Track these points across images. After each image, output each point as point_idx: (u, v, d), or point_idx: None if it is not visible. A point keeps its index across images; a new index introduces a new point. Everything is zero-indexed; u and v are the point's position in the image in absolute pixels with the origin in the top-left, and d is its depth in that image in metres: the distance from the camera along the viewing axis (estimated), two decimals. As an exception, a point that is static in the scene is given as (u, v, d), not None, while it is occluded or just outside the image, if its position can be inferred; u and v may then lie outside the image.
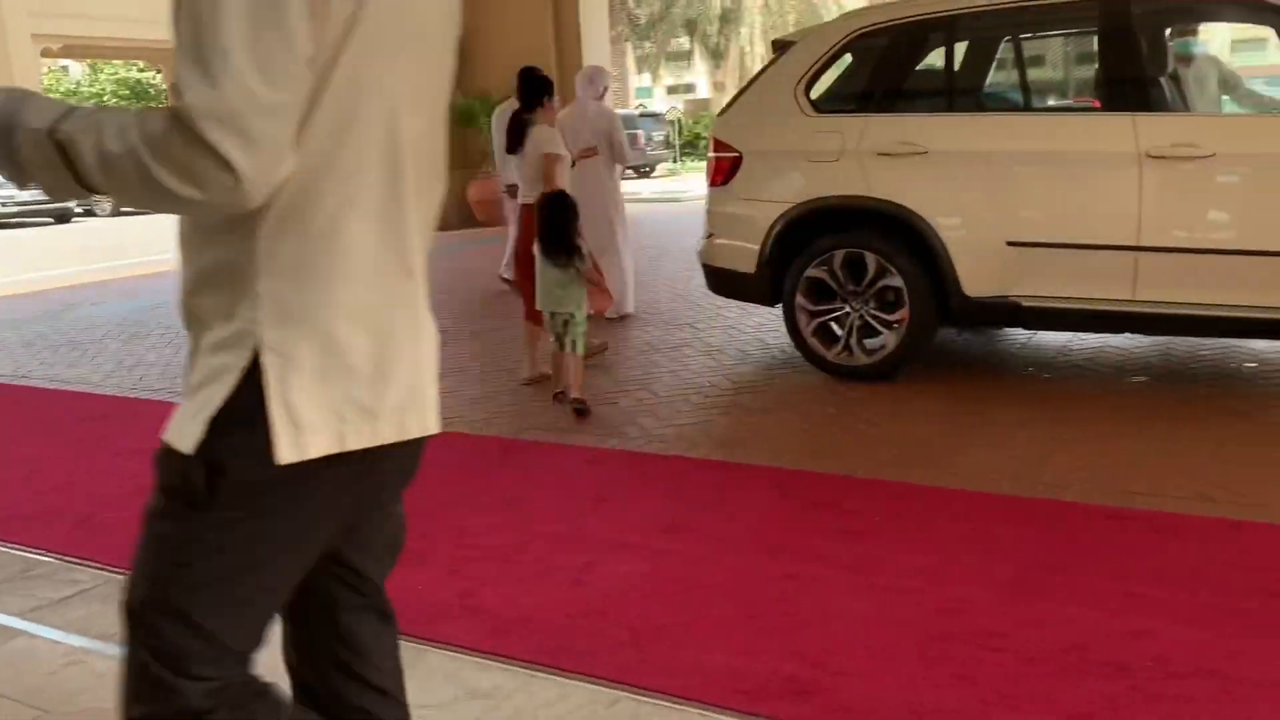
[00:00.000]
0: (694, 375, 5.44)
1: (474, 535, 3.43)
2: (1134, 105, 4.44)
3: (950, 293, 4.85)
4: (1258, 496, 3.39)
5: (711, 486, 3.77)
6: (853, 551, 3.15)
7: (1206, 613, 2.65)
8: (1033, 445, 4.03)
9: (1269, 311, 4.23)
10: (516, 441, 4.46)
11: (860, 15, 5.27)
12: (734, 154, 5.36)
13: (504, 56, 13.19)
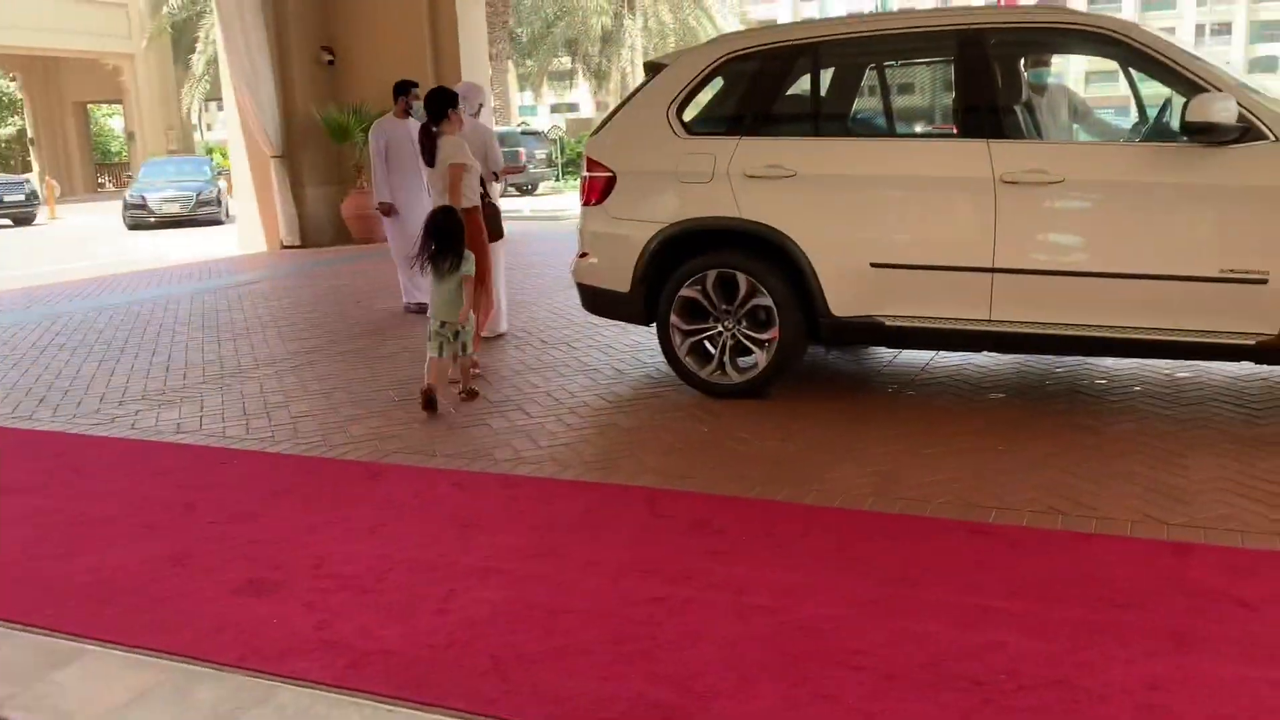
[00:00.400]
0: (568, 395, 5.40)
1: (332, 564, 3.31)
2: (989, 132, 4.60)
3: (818, 312, 4.94)
4: (1105, 509, 3.53)
5: (581, 508, 3.73)
6: (721, 571, 3.16)
7: (1056, 625, 2.73)
8: (895, 461, 4.12)
9: (1116, 331, 4.43)
10: (381, 465, 4.34)
11: (730, 39, 5.34)
12: (607, 173, 5.36)
13: (380, 71, 12.98)
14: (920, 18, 4.93)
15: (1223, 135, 4.16)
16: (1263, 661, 2.50)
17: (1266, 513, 3.44)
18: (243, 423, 5.14)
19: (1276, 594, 2.85)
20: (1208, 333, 4.30)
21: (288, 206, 13.75)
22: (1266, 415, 4.56)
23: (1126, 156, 4.55)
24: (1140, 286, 4.35)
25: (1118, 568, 3.06)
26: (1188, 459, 4.01)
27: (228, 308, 8.83)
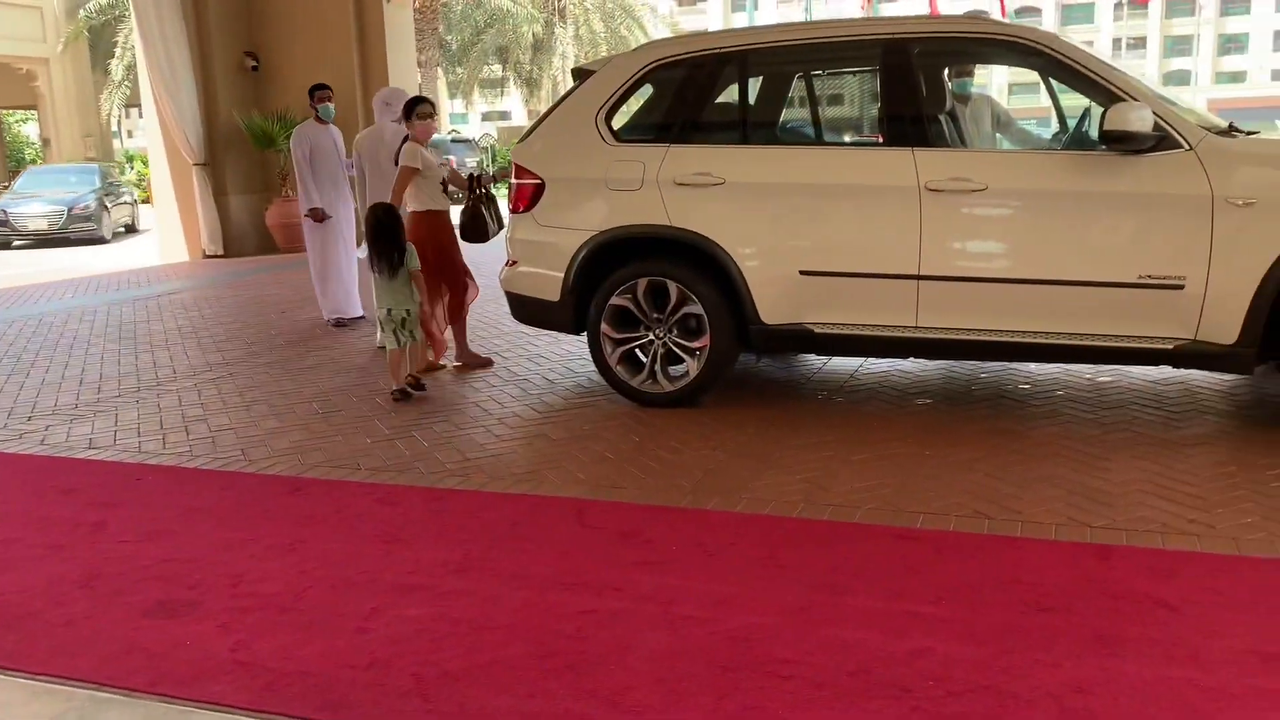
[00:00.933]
0: (498, 406, 5.33)
1: (250, 583, 3.20)
2: (914, 141, 4.65)
3: (749, 320, 4.94)
4: (1030, 513, 3.57)
5: (508, 521, 3.66)
6: (651, 582, 3.12)
7: (982, 630, 2.74)
8: (824, 468, 4.12)
9: (1039, 336, 4.49)
10: (303, 480, 4.22)
11: (658, 46, 5.33)
12: (536, 180, 5.31)
13: (305, 77, 12.70)
14: (845, 27, 4.97)
15: (1139, 144, 4.24)
16: (1183, 662, 2.54)
17: (1184, 514, 3.51)
18: (159, 437, 4.97)
19: (1196, 594, 2.90)
20: (1127, 338, 4.39)
21: (210, 215, 13.43)
22: (1184, 418, 4.66)
23: (1047, 165, 4.63)
24: (1062, 292, 4.43)
25: (1043, 571, 3.08)
26: (1109, 462, 4.08)
27: (146, 319, 8.58)
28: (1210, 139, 4.28)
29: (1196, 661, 2.54)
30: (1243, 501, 3.61)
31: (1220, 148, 4.27)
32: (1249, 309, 4.18)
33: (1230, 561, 3.12)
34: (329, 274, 7.84)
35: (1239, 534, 3.32)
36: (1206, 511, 3.52)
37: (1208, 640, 2.63)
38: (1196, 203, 4.21)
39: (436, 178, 6.02)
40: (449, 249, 6.10)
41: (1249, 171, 4.21)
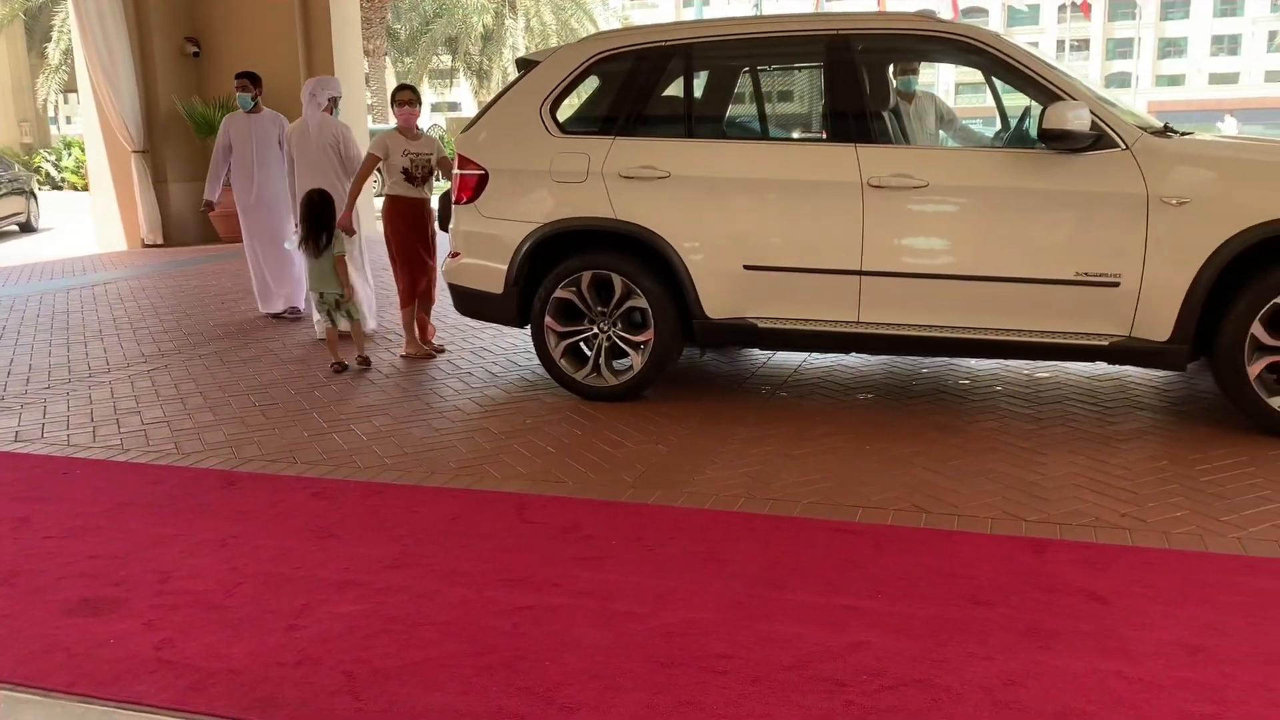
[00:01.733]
0: (439, 399, 5.26)
1: (179, 579, 3.13)
2: (856, 137, 4.66)
3: (693, 314, 4.93)
4: (966, 507, 3.60)
5: (446, 516, 3.61)
6: (589, 578, 3.09)
7: (917, 623, 2.75)
8: (766, 462, 4.13)
9: (978, 332, 4.53)
10: (238, 474, 4.13)
11: (602, 39, 5.29)
12: (479, 171, 5.25)
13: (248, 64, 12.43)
14: (789, 22, 4.97)
15: (1076, 142, 4.30)
16: (1113, 654, 2.57)
17: (1117, 507, 3.56)
18: (89, 430, 4.84)
19: (1126, 587, 2.94)
20: (1064, 334, 4.44)
21: (149, 203, 13.12)
22: (1119, 414, 4.74)
23: (988, 162, 4.67)
24: (1001, 289, 4.47)
25: (978, 564, 3.11)
26: (1045, 456, 4.13)
27: (80, 309, 8.36)
28: (1146, 139, 4.35)
29: (1126, 653, 2.57)
30: (1173, 495, 3.67)
31: (1156, 148, 4.33)
32: (1182, 307, 4.26)
33: (1160, 555, 3.17)
34: (274, 264, 7.70)
35: (1169, 528, 3.38)
36: (1138, 506, 3.58)
37: (1137, 633, 2.67)
38: (1132, 201, 4.28)
39: (397, 165, 6.05)
40: (409, 236, 6.13)
41: (1183, 171, 4.28)
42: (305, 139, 6.76)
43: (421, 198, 6.18)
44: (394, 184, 6.12)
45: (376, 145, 6.09)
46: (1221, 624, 2.71)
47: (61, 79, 30.84)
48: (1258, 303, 4.19)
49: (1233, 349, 4.24)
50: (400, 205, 6.13)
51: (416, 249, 6.16)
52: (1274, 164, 4.38)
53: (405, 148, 6.05)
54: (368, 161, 6.19)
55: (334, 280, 5.83)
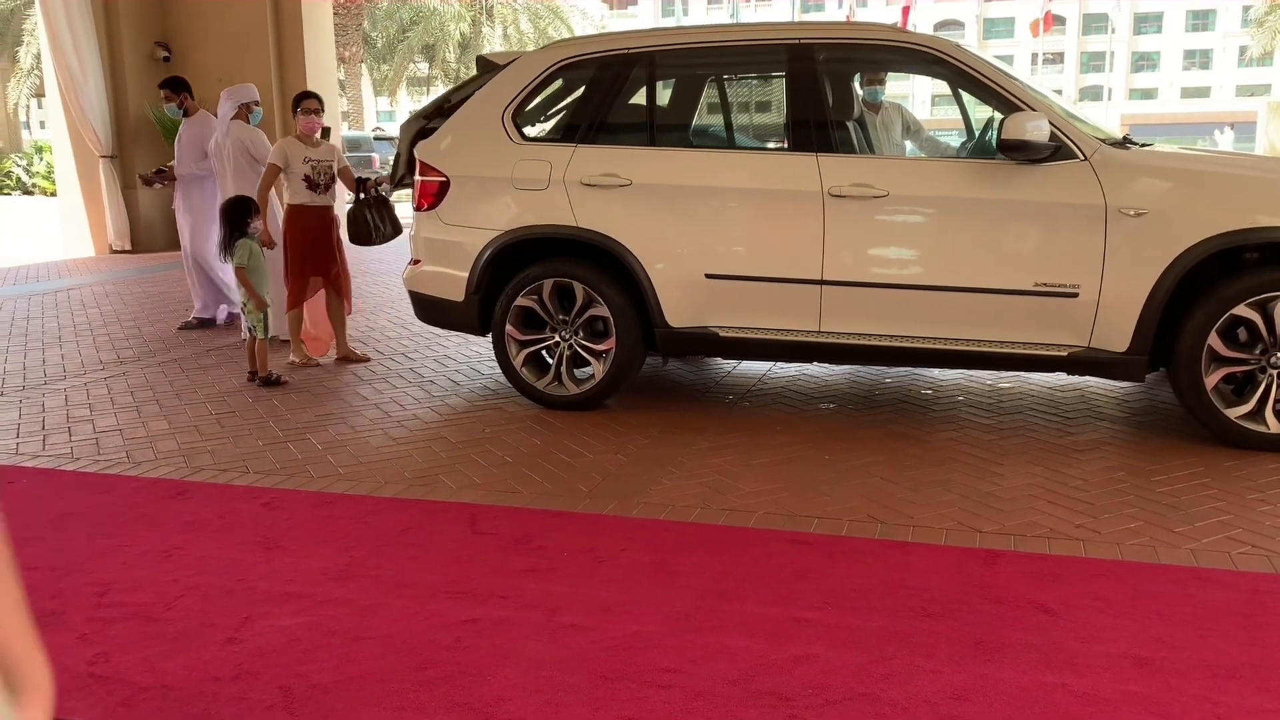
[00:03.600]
0: (398, 408, 5.21)
1: (118, 592, 3.06)
2: (818, 146, 4.65)
3: (655, 323, 4.90)
4: (922, 517, 3.58)
5: (398, 527, 3.56)
6: (536, 590, 3.05)
7: (866, 636, 2.73)
8: (724, 472, 4.10)
9: (939, 342, 4.53)
10: (187, 484, 4.06)
11: (565, 45, 5.26)
12: (441, 178, 5.21)
13: (219, 69, 12.45)
14: (750, 31, 4.97)
15: (1035, 153, 4.30)
16: (1059, 667, 2.55)
17: (1072, 518, 3.55)
18: (39, 438, 4.76)
19: (1077, 599, 2.92)
20: (1024, 344, 4.44)
21: (117, 209, 12.98)
22: (1078, 424, 4.74)
23: (948, 172, 4.67)
24: (960, 299, 4.47)
25: (930, 576, 3.09)
26: (1003, 466, 4.12)
27: (40, 315, 8.24)
28: (1105, 150, 4.36)
29: (1072, 666, 2.55)
30: (1128, 506, 3.67)
31: (1114, 159, 4.34)
32: (1140, 317, 4.27)
33: (1112, 566, 3.16)
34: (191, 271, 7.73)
35: (1122, 539, 3.37)
36: (1093, 517, 3.57)
37: (1084, 645, 2.66)
38: (1090, 212, 4.28)
39: (299, 174, 6.01)
40: (310, 246, 6.08)
41: (1141, 182, 4.29)
42: (221, 147, 6.86)
43: (324, 205, 6.12)
44: (295, 192, 6.05)
45: (276, 154, 6.05)
46: (1170, 636, 2.70)
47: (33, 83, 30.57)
48: (1214, 314, 4.20)
49: (1190, 360, 4.25)
50: (302, 214, 6.06)
51: (316, 258, 6.10)
52: (1230, 175, 4.41)
53: (305, 155, 6.02)
54: (269, 171, 6.11)
55: (241, 289, 5.71)
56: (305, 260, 6.08)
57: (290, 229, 6.10)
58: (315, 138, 6.12)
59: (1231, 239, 4.15)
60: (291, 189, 6.06)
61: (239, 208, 5.75)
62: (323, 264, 6.12)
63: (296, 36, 13.52)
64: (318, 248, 6.09)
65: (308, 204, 6.05)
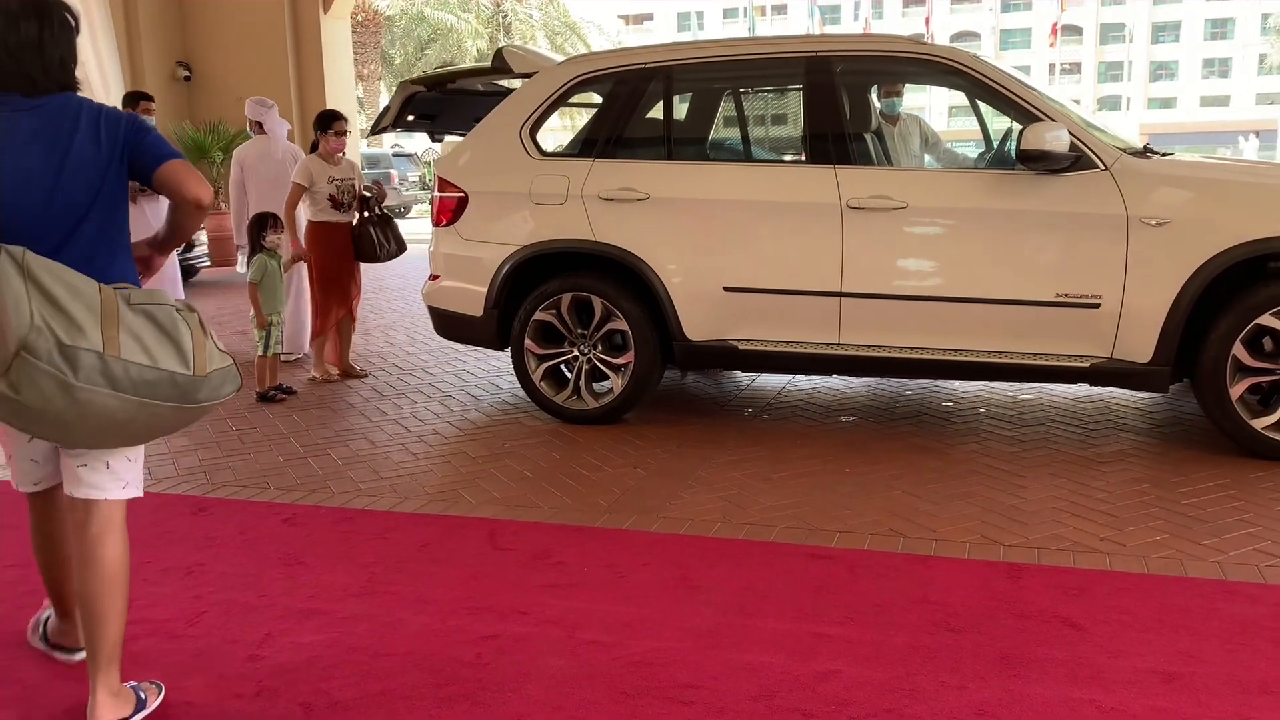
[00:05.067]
0: (418, 423, 5.22)
1: (140, 609, 3.07)
2: (836, 158, 4.65)
3: (673, 336, 4.90)
4: (944, 531, 3.55)
5: (418, 543, 3.56)
6: (559, 605, 3.04)
7: (890, 651, 2.70)
8: (744, 486, 4.08)
9: (959, 354, 4.50)
10: (208, 500, 4.08)
11: (582, 61, 5.28)
12: (459, 194, 5.23)
13: (239, 88, 12.60)
14: (767, 44, 4.96)
15: (1055, 163, 4.28)
16: (1086, 682, 2.52)
17: (1096, 531, 3.51)
18: (62, 456, 4.78)
19: (1103, 613, 2.89)
20: (1045, 355, 4.41)
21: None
22: (1101, 436, 4.70)
23: (968, 183, 4.64)
24: (981, 310, 4.44)
25: (953, 590, 3.06)
26: (1026, 479, 4.08)
27: (64, 333, 8.30)
28: (1125, 159, 4.34)
29: (1099, 681, 2.52)
30: (1154, 519, 3.62)
31: (1135, 168, 4.32)
32: (1163, 328, 4.23)
33: (1138, 580, 3.12)
34: None
35: (1148, 552, 3.33)
36: (1118, 530, 3.53)
37: (1111, 660, 2.62)
38: (1112, 222, 4.26)
39: (324, 193, 6.05)
40: (336, 262, 6.14)
41: (1163, 192, 4.26)
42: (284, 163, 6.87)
43: (346, 222, 6.17)
44: (319, 210, 6.08)
45: (301, 174, 6.04)
46: (1198, 651, 2.66)
47: (56, 104, 30.87)
48: (1239, 324, 4.16)
49: (1214, 370, 4.21)
50: (324, 231, 6.10)
51: (340, 276, 6.15)
52: (1253, 184, 4.37)
53: (330, 174, 6.06)
54: (295, 191, 6.08)
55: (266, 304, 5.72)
56: (331, 277, 6.12)
57: (313, 246, 6.13)
58: (337, 156, 6.16)
59: (1255, 248, 4.11)
60: (315, 207, 6.08)
61: (259, 223, 5.80)
62: (346, 279, 6.17)
63: (315, 55, 13.67)
64: (342, 264, 6.15)
65: (330, 221, 6.09)
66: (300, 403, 5.68)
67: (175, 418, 2.28)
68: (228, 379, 2.33)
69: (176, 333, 2.24)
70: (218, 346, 2.34)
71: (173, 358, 2.21)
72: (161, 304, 2.27)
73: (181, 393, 2.23)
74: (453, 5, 31.57)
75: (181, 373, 2.22)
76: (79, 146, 2.31)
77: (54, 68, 2.36)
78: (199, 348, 2.26)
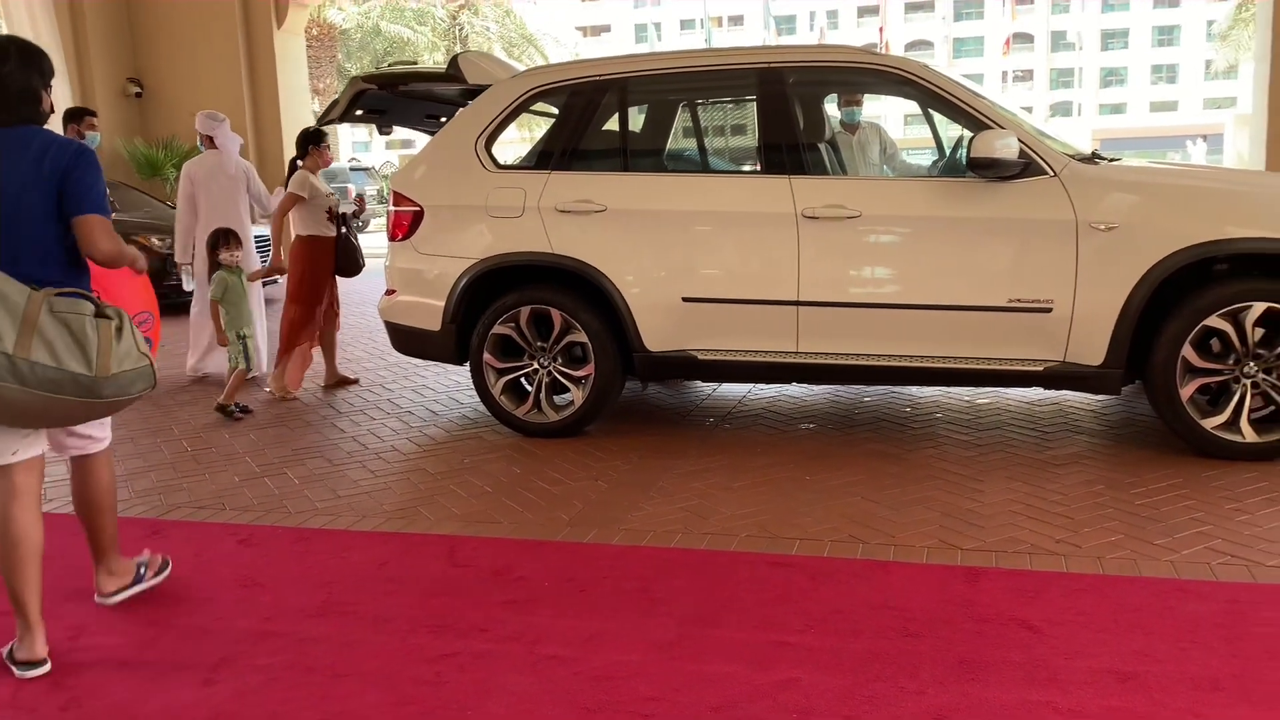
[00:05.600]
0: (376, 440, 5.17)
1: (93, 634, 3.01)
2: (790, 168, 4.68)
3: (633, 347, 4.90)
4: (903, 536, 3.58)
5: (376, 562, 3.53)
6: (518, 622, 3.02)
7: (849, 658, 2.71)
8: (706, 496, 4.08)
9: (916, 360, 4.54)
10: (163, 522, 4.01)
11: (537, 73, 5.27)
12: (415, 208, 5.20)
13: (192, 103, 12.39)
14: (720, 55, 4.99)
15: (1005, 170, 4.33)
16: (1043, 684, 2.54)
17: (1052, 533, 3.55)
18: (12, 481, 4.68)
19: (1059, 615, 2.92)
20: (1000, 360, 4.46)
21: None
22: (1057, 439, 4.76)
23: (920, 191, 4.69)
24: (936, 316, 4.48)
25: (912, 595, 3.08)
26: (983, 483, 4.12)
27: (14, 355, 8.15)
28: (1074, 165, 4.40)
29: (1056, 683, 2.55)
30: (1109, 520, 3.67)
31: (1084, 174, 4.38)
32: (1114, 330, 4.29)
33: (1093, 581, 3.16)
34: None
35: (1103, 553, 3.37)
36: (1074, 531, 3.58)
37: (1067, 661, 2.65)
38: (1062, 227, 4.32)
39: (322, 206, 6.10)
40: (323, 275, 6.21)
41: (1111, 197, 4.33)
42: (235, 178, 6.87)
43: (331, 236, 6.18)
44: (311, 224, 6.09)
45: (300, 185, 6.04)
46: (1152, 650, 2.70)
47: (5, 121, 30.34)
48: (1187, 325, 4.23)
49: (1165, 372, 4.28)
50: (313, 245, 6.13)
51: (321, 290, 6.20)
52: (1198, 188, 4.45)
53: (325, 189, 6.09)
54: (289, 200, 6.09)
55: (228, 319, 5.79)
56: (314, 292, 6.14)
57: (302, 261, 6.11)
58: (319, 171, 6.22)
59: (1202, 251, 4.19)
60: (307, 220, 6.08)
61: (216, 240, 5.79)
62: (323, 294, 6.21)
63: (270, 69, 13.55)
64: (325, 277, 6.20)
65: (319, 235, 6.12)
66: (257, 422, 5.61)
67: (85, 409, 2.72)
68: (139, 378, 2.79)
69: (84, 339, 2.67)
70: (139, 348, 2.79)
71: (77, 360, 2.65)
72: (78, 313, 2.68)
73: (85, 389, 2.66)
74: (409, 18, 31.45)
75: (83, 374, 2.65)
76: (28, 173, 2.71)
77: (14, 102, 2.77)
78: (104, 352, 2.69)
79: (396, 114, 6.11)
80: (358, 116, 5.88)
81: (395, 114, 6.11)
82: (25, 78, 2.79)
